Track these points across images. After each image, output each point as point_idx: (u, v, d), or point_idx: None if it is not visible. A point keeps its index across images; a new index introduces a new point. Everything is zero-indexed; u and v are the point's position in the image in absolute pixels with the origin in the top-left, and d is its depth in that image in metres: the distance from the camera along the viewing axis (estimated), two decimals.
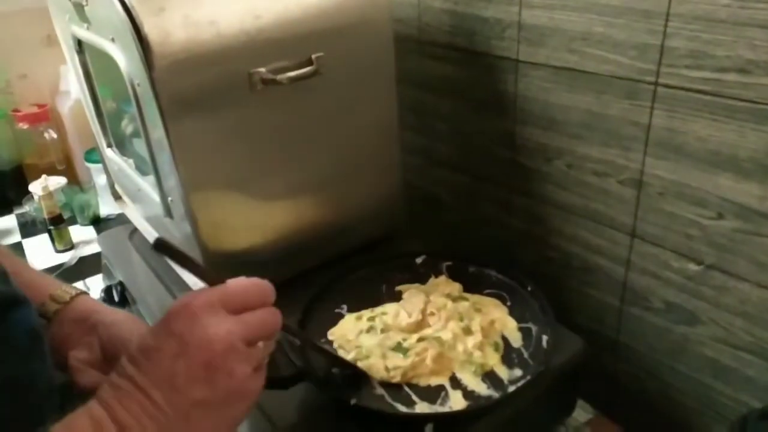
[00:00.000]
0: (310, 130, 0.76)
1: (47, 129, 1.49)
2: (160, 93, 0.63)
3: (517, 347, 0.68)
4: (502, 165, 0.92)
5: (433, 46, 0.96)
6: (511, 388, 0.62)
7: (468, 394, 0.62)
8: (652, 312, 0.78)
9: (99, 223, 1.42)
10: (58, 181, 1.39)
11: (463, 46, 0.91)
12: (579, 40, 0.73)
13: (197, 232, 0.72)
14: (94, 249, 1.30)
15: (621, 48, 0.69)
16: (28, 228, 1.42)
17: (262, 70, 0.67)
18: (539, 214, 0.89)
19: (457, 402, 0.61)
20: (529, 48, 0.80)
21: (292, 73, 0.69)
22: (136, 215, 0.98)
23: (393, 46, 0.79)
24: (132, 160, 0.92)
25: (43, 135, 1.49)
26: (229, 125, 0.69)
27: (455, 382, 0.63)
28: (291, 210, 0.79)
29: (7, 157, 1.53)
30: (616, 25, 0.69)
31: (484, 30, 0.86)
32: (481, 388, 0.62)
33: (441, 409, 0.60)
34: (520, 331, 0.70)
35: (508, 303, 0.74)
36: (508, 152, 0.90)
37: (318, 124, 0.76)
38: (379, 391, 0.63)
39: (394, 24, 0.78)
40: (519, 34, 0.81)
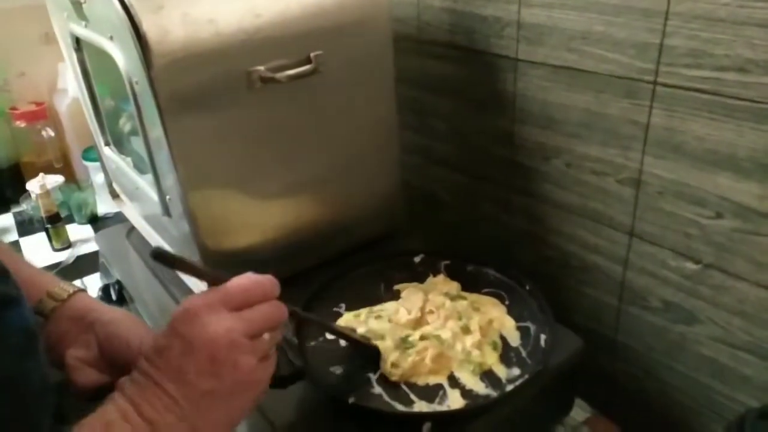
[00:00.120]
0: (309, 129, 0.76)
1: (45, 127, 1.49)
2: (159, 91, 0.63)
3: (516, 346, 0.68)
4: (500, 164, 0.92)
5: (432, 44, 0.96)
6: (510, 387, 0.62)
7: (466, 393, 0.62)
8: (650, 311, 0.78)
9: (96, 222, 1.41)
10: (55, 180, 1.39)
11: (462, 44, 0.91)
12: (578, 38, 0.73)
13: (196, 231, 0.72)
14: (91, 247, 1.29)
15: (620, 47, 0.69)
16: (26, 226, 1.41)
17: (261, 68, 0.67)
18: (538, 214, 0.89)
19: (455, 401, 0.61)
20: (528, 47, 0.80)
21: (291, 72, 0.69)
22: (134, 214, 0.97)
23: (392, 44, 0.79)
24: (130, 159, 0.92)
25: (41, 133, 1.48)
26: (228, 123, 0.69)
27: (453, 381, 0.63)
28: (290, 209, 0.79)
29: (5, 155, 1.52)
30: (615, 24, 0.69)
31: (483, 28, 0.86)
32: (480, 387, 0.62)
33: (439, 408, 0.60)
34: (519, 330, 0.70)
35: (507, 302, 0.74)
36: (507, 151, 0.90)
37: (317, 123, 0.76)
38: (378, 390, 0.63)
39: (393, 23, 0.78)
40: (518, 33, 0.81)
